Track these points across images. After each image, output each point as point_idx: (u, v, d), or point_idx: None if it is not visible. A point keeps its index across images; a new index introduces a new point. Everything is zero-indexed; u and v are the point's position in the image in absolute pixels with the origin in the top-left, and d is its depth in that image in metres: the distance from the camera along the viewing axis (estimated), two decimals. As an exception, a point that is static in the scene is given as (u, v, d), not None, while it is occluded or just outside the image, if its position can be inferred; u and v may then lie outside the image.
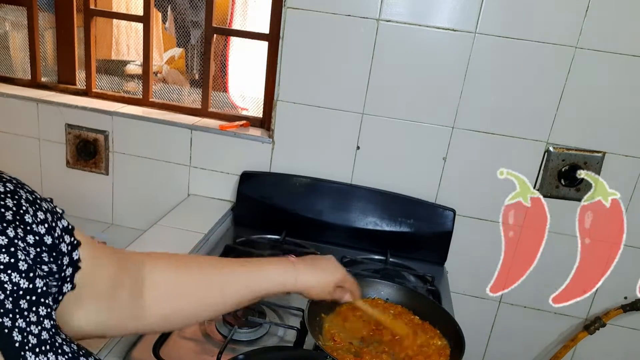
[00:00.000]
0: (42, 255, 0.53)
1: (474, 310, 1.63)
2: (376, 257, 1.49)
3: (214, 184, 1.64)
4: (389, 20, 1.40)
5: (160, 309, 0.71)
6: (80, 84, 1.80)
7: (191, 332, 1.06)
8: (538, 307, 1.61)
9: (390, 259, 1.46)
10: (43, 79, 1.81)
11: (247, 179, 1.57)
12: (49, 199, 0.58)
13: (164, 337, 1.01)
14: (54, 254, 0.55)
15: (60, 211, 0.58)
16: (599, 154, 1.43)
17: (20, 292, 0.48)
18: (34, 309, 0.48)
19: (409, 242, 1.52)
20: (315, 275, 0.87)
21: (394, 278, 1.31)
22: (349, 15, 1.41)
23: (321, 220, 1.54)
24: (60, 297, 0.56)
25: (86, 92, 1.77)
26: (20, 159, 1.76)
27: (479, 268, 1.59)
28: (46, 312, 0.50)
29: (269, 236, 1.51)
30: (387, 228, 1.52)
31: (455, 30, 1.38)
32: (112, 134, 1.66)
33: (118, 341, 0.95)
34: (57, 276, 0.55)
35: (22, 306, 0.48)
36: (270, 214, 1.56)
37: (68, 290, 0.57)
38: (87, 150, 1.68)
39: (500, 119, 1.44)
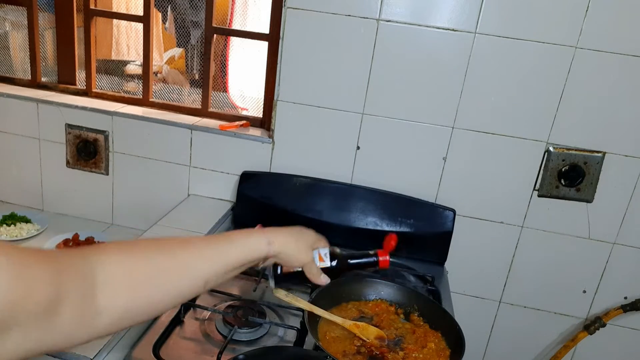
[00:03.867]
0: None
1: (474, 310, 1.63)
2: (376, 257, 1.49)
3: (214, 184, 1.64)
4: (389, 20, 1.40)
5: (118, 306, 0.60)
6: (80, 84, 1.80)
7: (191, 332, 1.06)
8: (538, 307, 1.61)
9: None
10: (43, 79, 1.82)
11: (247, 179, 1.57)
12: None
13: (164, 337, 1.02)
14: None
15: None
16: (599, 154, 1.43)
17: None
18: None
19: (409, 242, 1.51)
20: (288, 236, 0.83)
21: (394, 278, 1.31)
22: (349, 15, 1.41)
23: (321, 220, 1.53)
24: None
25: (86, 92, 1.77)
26: (20, 159, 1.76)
27: (479, 268, 1.59)
28: None
29: (269, 236, 1.51)
30: (387, 228, 1.52)
31: (455, 30, 1.38)
32: (112, 134, 1.66)
33: (118, 341, 0.95)
34: None
35: None
36: (270, 214, 1.56)
37: None
38: (87, 150, 1.68)
39: (500, 119, 1.44)
